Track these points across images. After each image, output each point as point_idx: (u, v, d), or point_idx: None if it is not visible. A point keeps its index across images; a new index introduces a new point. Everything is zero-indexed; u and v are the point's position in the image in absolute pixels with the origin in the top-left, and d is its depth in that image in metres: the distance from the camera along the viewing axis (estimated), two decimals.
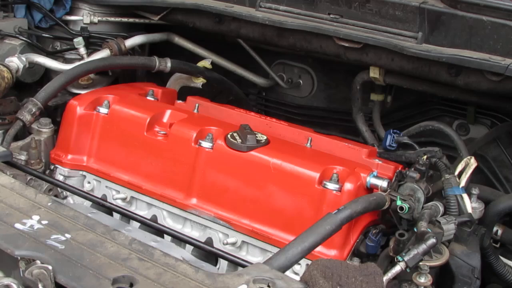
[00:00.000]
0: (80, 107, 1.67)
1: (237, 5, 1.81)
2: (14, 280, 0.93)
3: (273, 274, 0.95)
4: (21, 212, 1.07)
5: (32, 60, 1.86)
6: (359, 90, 1.78)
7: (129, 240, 1.02)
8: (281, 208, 1.42)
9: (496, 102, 1.60)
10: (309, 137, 1.60)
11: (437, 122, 1.68)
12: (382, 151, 1.64)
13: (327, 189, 1.38)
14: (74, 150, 1.67)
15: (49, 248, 0.97)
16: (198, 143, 1.51)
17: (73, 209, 1.10)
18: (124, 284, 0.92)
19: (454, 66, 1.51)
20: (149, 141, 1.58)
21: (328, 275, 0.96)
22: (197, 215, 1.51)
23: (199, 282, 0.93)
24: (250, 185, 1.45)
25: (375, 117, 1.84)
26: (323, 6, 1.69)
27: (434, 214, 1.37)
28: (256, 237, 1.44)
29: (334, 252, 1.37)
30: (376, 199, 1.32)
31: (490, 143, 1.76)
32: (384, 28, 1.61)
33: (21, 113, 1.71)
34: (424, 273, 1.20)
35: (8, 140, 1.68)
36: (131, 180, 1.60)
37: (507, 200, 1.48)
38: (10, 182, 1.17)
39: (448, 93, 1.64)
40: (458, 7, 1.53)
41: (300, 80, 2.07)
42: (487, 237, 1.46)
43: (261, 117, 1.75)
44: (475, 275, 1.32)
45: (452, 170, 1.48)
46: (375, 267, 1.03)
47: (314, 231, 1.14)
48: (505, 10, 1.47)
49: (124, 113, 1.64)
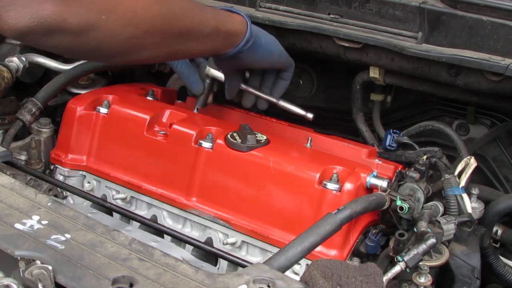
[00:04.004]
0: (80, 107, 1.67)
1: (237, 5, 1.81)
2: (14, 280, 0.93)
3: (273, 274, 0.95)
4: (21, 212, 1.07)
5: (32, 60, 1.86)
6: (359, 90, 1.78)
7: (129, 240, 1.02)
8: (281, 208, 1.42)
9: (496, 102, 1.60)
10: (309, 137, 1.60)
11: (437, 122, 1.68)
12: (382, 151, 1.64)
13: (327, 189, 1.38)
14: (74, 150, 1.67)
15: (49, 248, 0.97)
16: (198, 143, 1.52)
17: (73, 209, 1.10)
18: (124, 284, 0.92)
19: (454, 66, 1.51)
20: (149, 141, 1.58)
21: (328, 275, 0.96)
22: (197, 215, 1.51)
23: (199, 282, 0.93)
24: (250, 185, 1.46)
25: (375, 117, 1.84)
26: (323, 6, 1.69)
27: (434, 214, 1.37)
28: (256, 237, 1.44)
29: (334, 252, 1.37)
30: (376, 199, 1.32)
31: (490, 143, 1.76)
32: (384, 28, 1.61)
33: (21, 113, 1.71)
34: (424, 273, 1.20)
35: (8, 140, 1.68)
36: (131, 180, 1.60)
37: (507, 200, 1.48)
38: (10, 182, 1.17)
39: (448, 93, 1.64)
40: (458, 7, 1.53)
41: (300, 80, 2.07)
42: (487, 237, 1.46)
43: (261, 117, 1.75)
44: (475, 275, 1.32)
45: (452, 170, 1.48)
46: (375, 267, 1.03)
47: (314, 231, 1.14)
48: (505, 10, 1.47)
49: (124, 113, 1.64)
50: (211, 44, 1.32)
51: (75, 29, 1.05)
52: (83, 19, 1.05)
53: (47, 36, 1.04)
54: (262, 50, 1.42)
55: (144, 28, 1.13)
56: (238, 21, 1.35)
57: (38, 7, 0.99)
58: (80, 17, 1.05)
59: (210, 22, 1.27)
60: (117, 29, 1.09)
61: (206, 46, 1.32)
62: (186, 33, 1.23)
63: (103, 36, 1.08)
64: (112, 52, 1.16)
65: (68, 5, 1.03)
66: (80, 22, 1.05)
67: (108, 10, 1.07)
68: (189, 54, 1.38)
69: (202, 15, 1.26)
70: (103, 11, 1.07)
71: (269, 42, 1.47)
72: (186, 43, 1.26)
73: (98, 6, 1.06)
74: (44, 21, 1.01)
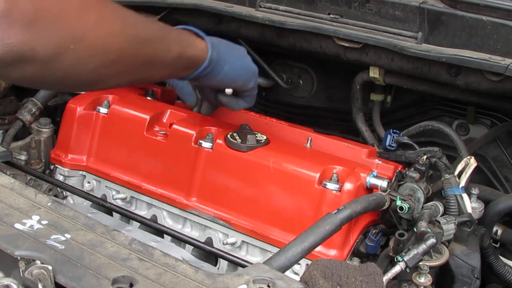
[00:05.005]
0: (80, 107, 1.67)
1: (237, 5, 1.81)
2: (14, 280, 0.93)
3: (273, 274, 0.95)
4: (21, 212, 1.07)
5: None
6: (359, 90, 1.78)
7: (129, 240, 1.02)
8: (281, 208, 1.42)
9: (496, 102, 1.60)
10: (309, 137, 1.60)
11: (437, 122, 1.68)
12: (382, 151, 1.64)
13: (327, 189, 1.38)
14: (74, 150, 1.67)
15: (49, 248, 0.97)
16: (198, 143, 1.52)
17: (73, 209, 1.10)
18: (124, 284, 0.92)
19: (454, 66, 1.51)
20: (149, 141, 1.58)
21: (328, 275, 0.96)
22: (197, 215, 1.51)
23: (199, 282, 0.93)
24: (250, 185, 1.46)
25: (375, 117, 1.83)
26: (323, 6, 1.69)
27: (434, 214, 1.37)
28: (256, 237, 1.44)
29: (334, 252, 1.37)
30: (376, 199, 1.32)
31: (490, 143, 1.76)
32: (384, 28, 1.61)
33: (20, 113, 1.71)
34: (424, 273, 1.20)
35: (8, 140, 1.68)
36: (131, 180, 1.60)
37: (507, 200, 1.48)
38: (10, 182, 1.17)
39: (448, 93, 1.64)
40: (458, 7, 1.53)
41: (300, 80, 2.07)
42: (487, 237, 1.46)
43: (261, 117, 1.75)
44: (475, 275, 1.32)
45: (452, 170, 1.48)
46: (375, 267, 1.03)
47: (314, 231, 1.14)
48: (505, 10, 1.47)
49: (124, 113, 1.64)
50: (172, 70, 1.32)
51: (42, 58, 0.99)
52: (50, 48, 0.99)
53: (12, 66, 0.96)
54: (221, 77, 1.41)
55: (111, 57, 1.10)
56: (201, 47, 1.34)
57: (4, 34, 0.91)
58: (48, 46, 0.98)
59: (174, 49, 1.26)
60: (85, 57, 1.05)
61: (167, 72, 1.32)
62: (151, 61, 1.22)
63: (70, 65, 1.04)
64: (78, 82, 1.12)
65: (37, 32, 0.96)
66: (47, 51, 0.99)
67: (77, 38, 1.02)
68: (151, 79, 1.37)
69: (167, 42, 1.25)
70: (72, 39, 1.01)
71: (234, 68, 1.45)
72: (150, 70, 1.25)
73: (67, 34, 1.01)
74: (11, 50, 0.93)
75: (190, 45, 1.32)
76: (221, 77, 1.41)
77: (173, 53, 1.26)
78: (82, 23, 1.03)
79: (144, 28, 1.19)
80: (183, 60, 1.30)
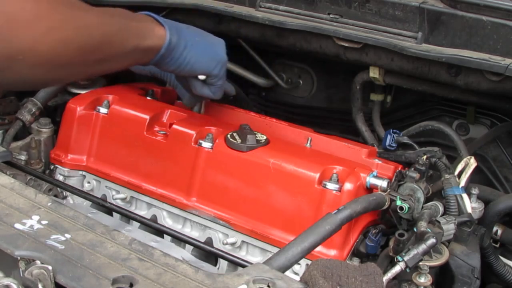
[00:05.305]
0: (79, 107, 1.67)
1: (237, 5, 1.81)
2: (14, 280, 0.93)
3: (273, 274, 0.95)
4: (21, 212, 1.07)
5: None
6: (359, 90, 1.78)
7: (129, 240, 1.02)
8: (281, 208, 1.42)
9: (496, 102, 1.60)
10: (309, 137, 1.60)
11: (437, 122, 1.68)
12: (382, 151, 1.64)
13: (327, 189, 1.38)
14: (73, 150, 1.67)
15: (49, 248, 0.97)
16: (198, 143, 1.52)
17: (73, 209, 1.10)
18: (124, 284, 0.92)
19: (454, 66, 1.51)
20: (149, 141, 1.58)
21: (328, 275, 0.96)
22: (197, 215, 1.51)
23: (199, 282, 0.93)
24: (250, 185, 1.46)
25: (375, 117, 1.84)
26: (323, 6, 1.69)
27: (434, 214, 1.37)
28: (256, 237, 1.44)
29: (334, 252, 1.37)
30: (376, 199, 1.32)
31: (490, 143, 1.76)
32: (384, 28, 1.61)
33: (20, 113, 1.71)
34: (424, 273, 1.21)
35: (8, 140, 1.68)
36: (131, 180, 1.60)
37: (507, 200, 1.48)
38: (10, 182, 1.17)
39: (448, 93, 1.64)
40: (458, 7, 1.53)
41: (300, 80, 2.07)
42: (487, 237, 1.46)
43: (261, 117, 1.74)
44: (475, 275, 1.32)
45: (452, 170, 1.48)
46: (375, 267, 1.03)
47: (314, 231, 1.14)
48: (505, 10, 1.47)
49: (124, 113, 1.64)
50: (130, 61, 1.35)
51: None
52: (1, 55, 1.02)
53: None
54: (180, 62, 1.42)
55: (62, 62, 1.12)
56: (159, 35, 1.35)
57: None
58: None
59: (130, 42, 1.28)
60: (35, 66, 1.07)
61: (125, 63, 1.35)
62: (105, 58, 1.24)
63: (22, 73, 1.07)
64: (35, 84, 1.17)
65: None
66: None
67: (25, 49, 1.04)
68: (109, 71, 1.39)
69: (124, 36, 1.26)
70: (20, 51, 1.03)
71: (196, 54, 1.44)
72: (106, 65, 1.27)
73: (14, 46, 1.03)
74: None
75: (148, 35, 1.33)
76: (180, 62, 1.42)
77: (129, 47, 1.28)
78: (32, 34, 1.04)
79: (98, 29, 1.19)
80: (139, 51, 1.32)
